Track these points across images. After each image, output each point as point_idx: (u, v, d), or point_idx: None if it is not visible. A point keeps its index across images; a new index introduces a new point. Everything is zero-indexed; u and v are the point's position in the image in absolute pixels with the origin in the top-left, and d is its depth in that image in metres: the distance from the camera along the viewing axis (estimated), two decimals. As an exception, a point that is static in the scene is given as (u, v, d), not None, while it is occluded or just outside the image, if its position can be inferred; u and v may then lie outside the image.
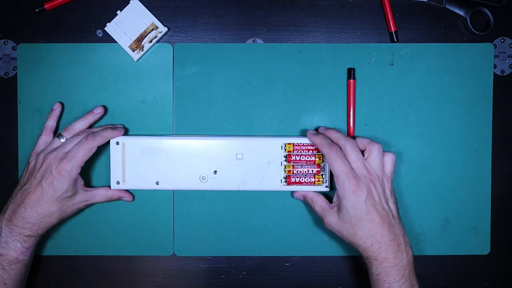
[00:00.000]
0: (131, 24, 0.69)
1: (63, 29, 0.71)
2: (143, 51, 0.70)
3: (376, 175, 0.63)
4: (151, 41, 0.70)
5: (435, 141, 0.71)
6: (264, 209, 0.71)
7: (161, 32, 0.70)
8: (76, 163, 0.64)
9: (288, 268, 0.72)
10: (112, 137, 0.67)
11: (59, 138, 0.67)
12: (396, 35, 0.71)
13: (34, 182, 0.64)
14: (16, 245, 0.63)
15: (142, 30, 0.70)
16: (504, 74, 0.71)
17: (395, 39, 0.71)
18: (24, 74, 0.71)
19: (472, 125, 0.71)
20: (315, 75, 0.71)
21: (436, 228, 0.71)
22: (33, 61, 0.70)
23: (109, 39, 0.70)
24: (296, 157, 0.69)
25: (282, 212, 0.71)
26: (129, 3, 0.70)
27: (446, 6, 0.71)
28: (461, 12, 0.70)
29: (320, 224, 0.70)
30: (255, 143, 0.69)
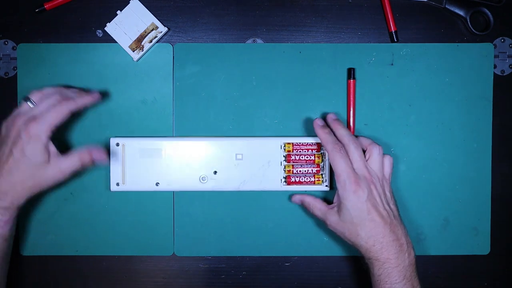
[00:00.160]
0: (131, 24, 0.69)
1: (63, 29, 0.71)
2: (143, 51, 0.70)
3: (376, 176, 0.63)
4: (151, 41, 0.70)
5: (435, 141, 0.71)
6: (264, 209, 0.71)
7: (161, 32, 0.70)
8: (46, 125, 0.61)
9: (288, 268, 0.72)
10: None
11: (27, 102, 0.63)
12: (396, 35, 0.71)
13: (6, 150, 0.62)
14: None
15: (142, 30, 0.70)
16: (504, 74, 0.71)
17: (395, 39, 0.71)
18: (24, 74, 0.71)
19: (472, 125, 0.71)
20: (315, 75, 0.71)
21: (436, 228, 0.71)
22: (33, 61, 0.70)
23: (109, 39, 0.70)
24: (296, 157, 0.69)
25: (282, 212, 0.71)
26: (129, 3, 0.70)
27: (446, 6, 0.71)
28: (461, 12, 0.70)
29: (320, 224, 0.70)
30: (255, 143, 0.69)
